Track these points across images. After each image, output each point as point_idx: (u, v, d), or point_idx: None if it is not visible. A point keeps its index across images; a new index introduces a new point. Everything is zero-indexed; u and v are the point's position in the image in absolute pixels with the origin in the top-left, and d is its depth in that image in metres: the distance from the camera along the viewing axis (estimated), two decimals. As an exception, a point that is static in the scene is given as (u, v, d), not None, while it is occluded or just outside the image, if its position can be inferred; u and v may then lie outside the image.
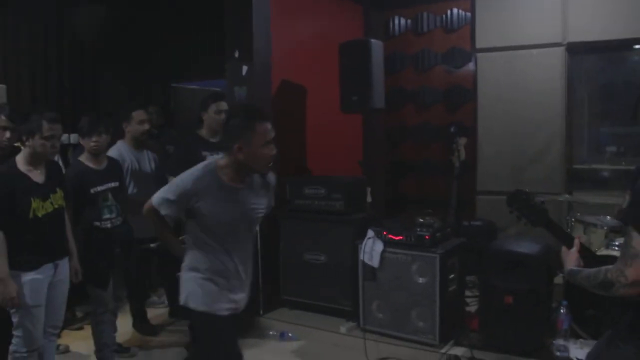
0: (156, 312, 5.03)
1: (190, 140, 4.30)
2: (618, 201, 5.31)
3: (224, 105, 4.36)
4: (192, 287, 2.61)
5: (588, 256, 2.27)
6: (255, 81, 4.72)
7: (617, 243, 4.12)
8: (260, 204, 2.70)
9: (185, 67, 6.55)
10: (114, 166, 3.97)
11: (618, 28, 5.35)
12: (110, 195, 3.82)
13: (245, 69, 4.69)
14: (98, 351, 3.80)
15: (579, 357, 3.75)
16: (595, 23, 5.42)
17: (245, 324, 4.78)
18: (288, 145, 5.29)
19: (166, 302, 5.10)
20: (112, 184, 3.85)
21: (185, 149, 4.23)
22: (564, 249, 2.29)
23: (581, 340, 3.99)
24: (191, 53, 6.39)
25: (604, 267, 2.00)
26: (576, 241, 2.28)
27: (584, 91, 6.04)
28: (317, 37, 5.62)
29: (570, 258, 2.23)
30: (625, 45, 5.62)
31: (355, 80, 4.90)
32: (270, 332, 4.54)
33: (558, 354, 3.87)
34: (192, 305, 2.58)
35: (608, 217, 4.71)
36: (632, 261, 1.85)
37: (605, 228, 4.46)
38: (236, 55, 4.75)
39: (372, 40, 4.91)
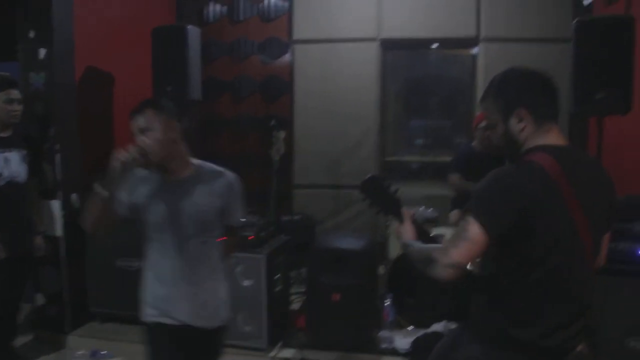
0: None
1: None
2: (428, 192, 5.63)
3: (16, 93, 3.77)
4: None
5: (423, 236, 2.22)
6: (56, 67, 4.15)
7: (432, 234, 4.29)
8: (205, 203, 2.45)
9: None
10: None
11: (428, 26, 5.62)
12: None
13: (43, 52, 4.10)
14: None
15: (404, 347, 3.88)
16: (407, 20, 5.63)
17: (46, 344, 4.25)
18: (95, 137, 4.79)
19: None
20: None
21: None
22: (397, 224, 2.22)
23: (405, 330, 4.13)
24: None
25: (432, 245, 1.97)
26: (405, 211, 2.22)
27: (396, 86, 6.29)
28: (126, 20, 5.12)
29: (405, 230, 2.18)
30: (429, 43, 5.94)
31: (170, 70, 4.54)
32: (79, 352, 4.07)
33: (384, 345, 3.98)
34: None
35: (421, 207, 4.92)
36: (461, 243, 1.81)
37: (420, 219, 4.64)
38: (31, 35, 4.13)
39: (189, 27, 4.58)
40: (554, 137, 1.95)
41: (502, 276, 1.97)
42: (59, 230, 4.21)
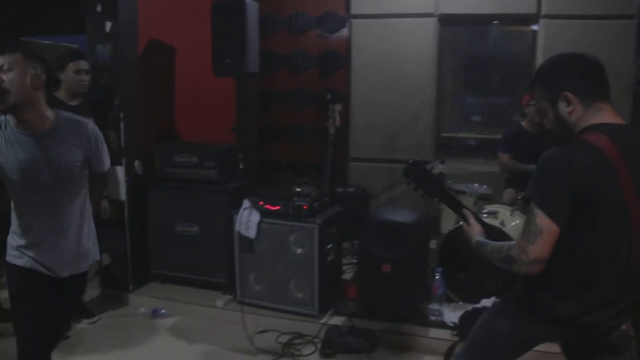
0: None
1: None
2: (483, 168, 5.59)
3: (84, 64, 3.98)
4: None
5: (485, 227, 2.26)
6: (121, 39, 4.31)
7: (485, 210, 4.30)
8: (67, 157, 2.47)
9: (37, 20, 5.87)
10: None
11: (487, 2, 5.53)
12: None
13: (109, 25, 4.26)
14: None
15: (452, 320, 3.92)
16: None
17: (112, 301, 4.49)
18: (157, 109, 4.95)
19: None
20: None
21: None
22: (464, 224, 2.28)
23: (454, 304, 4.16)
24: (45, 4, 5.72)
25: (507, 243, 2.00)
26: (466, 212, 2.27)
27: (453, 62, 6.23)
28: (187, -7, 5.24)
29: (473, 230, 2.21)
30: (489, 19, 5.84)
31: (229, 43, 4.63)
32: (141, 310, 4.29)
33: (433, 318, 4.02)
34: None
35: (476, 184, 4.91)
36: (535, 238, 1.86)
37: (473, 195, 4.65)
38: (98, 9, 4.29)
39: (247, 0, 4.66)
40: (606, 116, 1.95)
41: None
42: (122, 195, 4.41)
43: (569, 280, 1.97)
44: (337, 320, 4.06)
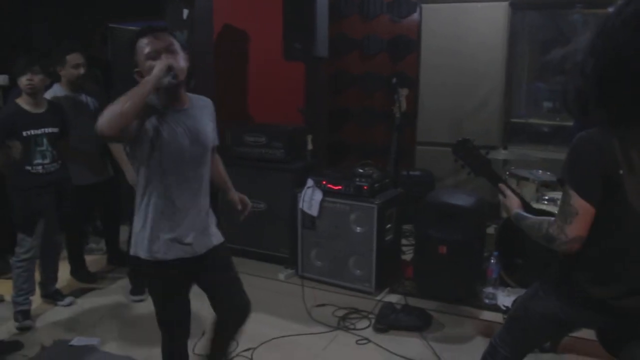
0: (94, 259, 4.98)
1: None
2: (553, 155, 5.51)
3: (80, 57, 4.23)
4: (137, 236, 2.45)
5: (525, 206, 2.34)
6: (197, 25, 4.58)
7: (547, 197, 4.29)
8: (211, 127, 2.56)
9: (122, 7, 6.25)
10: (55, 111, 3.85)
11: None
12: (45, 140, 3.72)
13: (186, 12, 4.54)
14: (16, 296, 3.78)
15: (506, 304, 3.96)
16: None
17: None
18: (229, 91, 5.21)
19: (104, 248, 5.04)
20: (50, 130, 3.75)
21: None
22: (501, 197, 2.36)
23: (509, 288, 4.20)
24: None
25: (545, 219, 2.06)
26: (501, 185, 2.35)
27: (524, 47, 6.14)
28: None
29: (512, 202, 2.29)
30: (565, 3, 5.72)
31: (299, 28, 4.79)
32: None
33: (487, 301, 4.08)
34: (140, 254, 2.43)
35: (540, 171, 4.87)
36: (572, 219, 1.92)
37: (536, 182, 4.63)
38: (176, -3, 4.58)
39: (318, -14, 4.80)
40: None
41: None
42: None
43: (603, 263, 2.01)
44: (392, 298, 4.20)
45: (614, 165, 1.89)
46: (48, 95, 4.03)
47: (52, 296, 4.13)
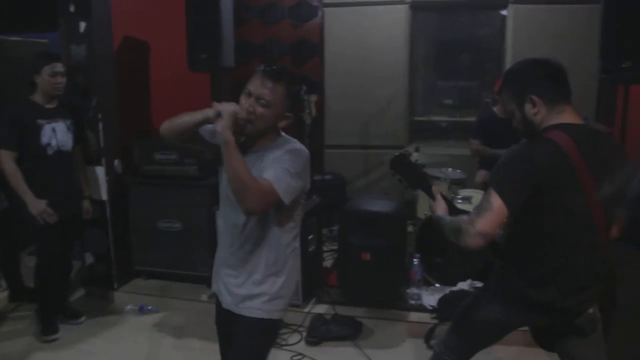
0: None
1: (23, 107, 3.83)
2: (457, 152, 5.72)
3: (59, 66, 3.95)
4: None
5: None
6: (95, 39, 4.29)
7: (460, 196, 4.43)
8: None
9: (13, 18, 5.79)
10: None
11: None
12: None
13: (83, 25, 4.25)
14: None
15: (431, 304, 4.07)
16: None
17: (97, 300, 4.55)
18: (133, 106, 4.97)
19: (4, 284, 4.65)
20: None
21: (18, 117, 3.77)
22: (430, 200, 2.40)
23: (432, 287, 4.31)
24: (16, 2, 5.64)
25: (461, 217, 2.13)
26: (434, 188, 2.40)
27: (425, 47, 6.32)
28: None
29: (438, 206, 2.35)
30: (459, 5, 5.94)
31: (204, 38, 4.63)
32: (128, 307, 4.36)
33: (412, 302, 4.16)
34: None
35: (450, 169, 5.03)
36: (485, 213, 1.99)
37: (447, 180, 4.77)
38: (71, 9, 4.26)
39: (222, -6, 4.66)
40: (568, 117, 2.09)
41: (520, 243, 2.14)
42: (104, 194, 4.45)
43: (541, 269, 2.12)
44: (320, 308, 4.18)
45: (544, 177, 1.98)
46: None
47: None
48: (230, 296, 2.34)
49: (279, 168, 2.11)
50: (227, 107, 2.08)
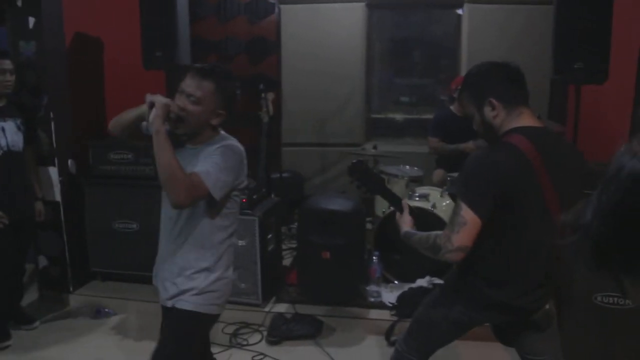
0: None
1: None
2: (414, 149, 5.79)
3: (7, 64, 3.81)
4: None
5: (418, 215, 2.43)
6: (45, 35, 4.15)
7: (417, 194, 4.48)
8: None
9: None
10: None
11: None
12: None
13: (32, 21, 4.11)
14: None
15: (390, 301, 4.11)
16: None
17: (52, 303, 4.43)
18: (86, 105, 4.85)
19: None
20: None
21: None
22: (397, 214, 2.43)
23: (391, 284, 4.36)
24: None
25: (433, 233, 2.16)
26: (404, 202, 2.43)
27: (382, 46, 6.37)
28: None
29: (404, 220, 2.37)
30: (416, 4, 6.00)
31: (159, 35, 4.55)
32: (84, 310, 4.27)
33: (372, 299, 4.20)
34: None
35: (407, 166, 5.10)
36: (459, 228, 2.02)
37: (405, 178, 4.83)
38: (19, 4, 4.12)
39: (176, -9, 4.59)
40: (526, 120, 2.14)
41: (478, 244, 2.18)
42: (57, 195, 4.33)
43: (499, 269, 2.17)
44: (280, 307, 4.18)
45: (508, 183, 2.02)
46: None
47: None
48: (165, 291, 2.42)
49: (209, 162, 2.20)
50: (159, 98, 2.18)
